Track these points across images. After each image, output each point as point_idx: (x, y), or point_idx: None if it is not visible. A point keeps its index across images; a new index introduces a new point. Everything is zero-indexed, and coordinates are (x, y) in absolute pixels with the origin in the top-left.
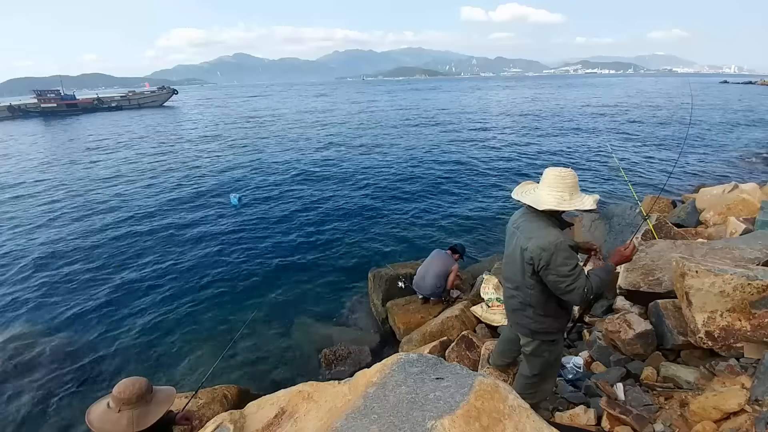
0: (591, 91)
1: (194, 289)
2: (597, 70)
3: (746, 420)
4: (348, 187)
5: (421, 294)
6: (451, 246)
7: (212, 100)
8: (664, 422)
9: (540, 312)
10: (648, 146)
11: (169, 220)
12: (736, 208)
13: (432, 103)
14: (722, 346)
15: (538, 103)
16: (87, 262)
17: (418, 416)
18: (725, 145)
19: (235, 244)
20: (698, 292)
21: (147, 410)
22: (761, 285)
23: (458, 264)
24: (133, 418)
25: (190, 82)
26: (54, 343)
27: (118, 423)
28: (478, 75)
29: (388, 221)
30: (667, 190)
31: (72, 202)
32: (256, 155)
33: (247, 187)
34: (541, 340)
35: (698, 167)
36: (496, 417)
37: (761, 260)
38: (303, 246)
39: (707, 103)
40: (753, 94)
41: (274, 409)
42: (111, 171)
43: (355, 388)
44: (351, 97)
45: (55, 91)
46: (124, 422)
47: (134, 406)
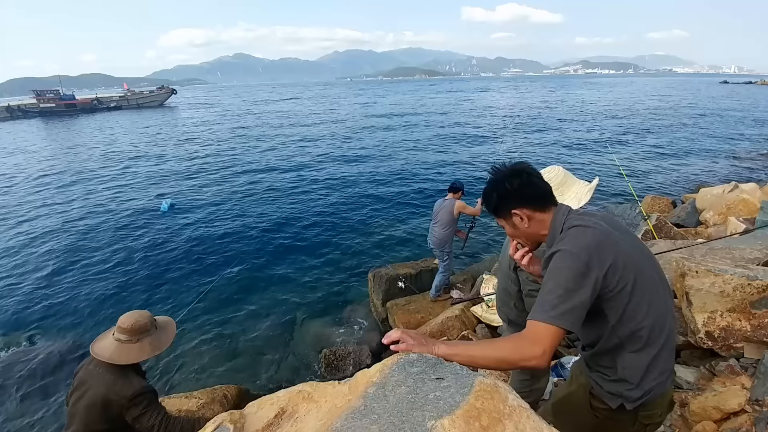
0: (591, 91)
1: (194, 289)
2: (597, 70)
3: (746, 420)
4: (348, 188)
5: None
6: (449, 188)
7: (212, 100)
8: (664, 422)
9: (520, 308)
10: (648, 146)
11: (169, 219)
12: (736, 208)
13: (434, 103)
14: (722, 346)
15: (538, 103)
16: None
17: (418, 416)
18: (725, 145)
19: (235, 245)
20: (698, 292)
21: (159, 335)
22: (761, 285)
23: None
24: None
25: (189, 82)
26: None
27: (141, 351)
28: (478, 75)
29: (388, 221)
30: (667, 190)
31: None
32: (257, 156)
33: (248, 187)
34: (514, 330)
35: (698, 167)
36: (496, 417)
37: (761, 260)
38: (303, 246)
39: (707, 103)
40: (753, 94)
41: (274, 409)
42: (109, 171)
43: (355, 388)
44: (354, 99)
45: (55, 91)
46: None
47: (149, 333)
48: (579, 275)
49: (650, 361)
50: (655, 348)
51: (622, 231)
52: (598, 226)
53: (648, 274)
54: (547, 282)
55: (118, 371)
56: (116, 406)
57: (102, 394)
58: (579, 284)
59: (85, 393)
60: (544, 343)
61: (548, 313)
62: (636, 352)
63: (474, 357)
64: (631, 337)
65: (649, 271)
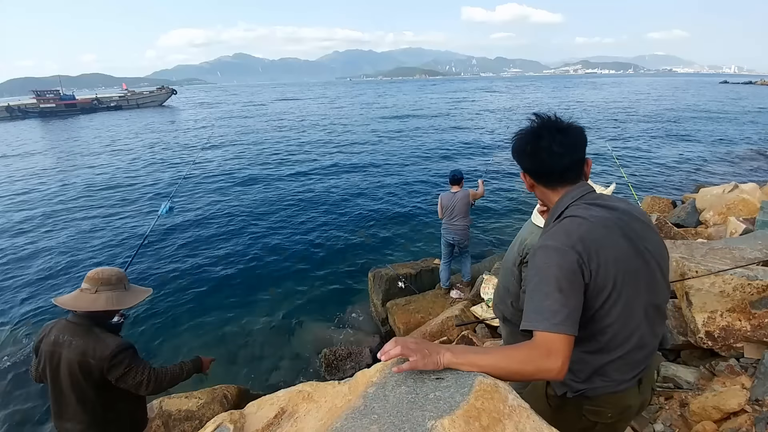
0: (591, 90)
1: (193, 289)
2: (597, 70)
3: (746, 420)
4: (348, 187)
5: (459, 239)
6: (451, 181)
7: (211, 100)
8: (664, 422)
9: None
10: (648, 146)
11: (169, 221)
12: (736, 208)
13: (434, 104)
14: (722, 346)
15: (538, 103)
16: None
17: (418, 416)
18: (725, 145)
19: (234, 245)
20: (698, 292)
21: (125, 294)
22: (761, 285)
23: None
24: (113, 298)
25: (189, 82)
26: None
27: (95, 302)
28: (478, 75)
29: (388, 221)
30: (667, 190)
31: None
32: (257, 156)
33: (247, 188)
34: (509, 329)
35: (698, 167)
36: (496, 417)
37: (761, 260)
38: (303, 246)
39: (707, 103)
40: (753, 94)
41: (274, 409)
42: (107, 171)
43: (355, 388)
44: (354, 99)
45: (54, 91)
46: (102, 301)
47: (113, 287)
48: (570, 273)
49: (601, 366)
50: (611, 355)
51: (628, 229)
52: (597, 220)
53: (636, 283)
54: (538, 282)
55: (86, 334)
56: (96, 369)
57: (78, 361)
58: (572, 285)
59: (58, 365)
60: (562, 354)
61: (551, 321)
62: (589, 353)
63: (483, 368)
64: (589, 338)
65: (641, 278)
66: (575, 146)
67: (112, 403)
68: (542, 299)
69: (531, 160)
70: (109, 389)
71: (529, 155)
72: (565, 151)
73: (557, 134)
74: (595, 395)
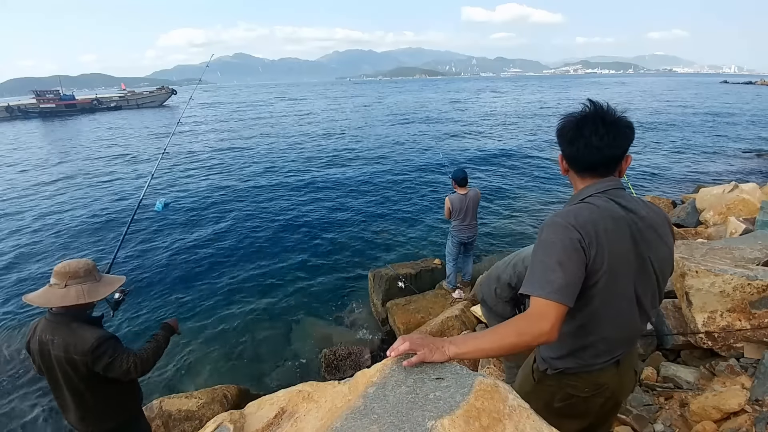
0: (590, 90)
1: (193, 289)
2: (597, 70)
3: (746, 420)
4: (348, 188)
5: (473, 239)
6: (458, 182)
7: (211, 100)
8: (664, 422)
9: (500, 296)
10: (648, 146)
11: (164, 218)
12: (736, 208)
13: (435, 104)
14: (722, 346)
15: (538, 103)
16: None
17: (418, 416)
18: (725, 145)
19: (233, 245)
20: (698, 292)
21: (96, 286)
22: (761, 285)
23: None
24: (83, 291)
25: (189, 82)
26: None
27: (65, 296)
28: (478, 75)
29: (388, 221)
30: (666, 191)
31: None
32: (257, 156)
33: (246, 188)
34: (485, 309)
35: (698, 167)
36: (496, 417)
37: (761, 260)
38: (303, 246)
39: (707, 103)
40: (753, 94)
41: (274, 409)
42: (105, 171)
43: (355, 388)
44: (354, 99)
45: (54, 91)
46: (72, 295)
47: (82, 280)
48: (572, 250)
49: (578, 348)
50: (587, 339)
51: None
52: (608, 212)
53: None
54: (540, 254)
55: (65, 331)
56: (81, 364)
57: (64, 357)
58: (572, 259)
59: (50, 362)
60: (551, 318)
61: (545, 289)
62: (567, 333)
63: (486, 351)
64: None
65: (633, 278)
66: (616, 142)
67: (104, 393)
68: (543, 269)
69: (569, 146)
70: (100, 380)
71: (568, 142)
72: (604, 146)
73: (601, 126)
74: (571, 373)
